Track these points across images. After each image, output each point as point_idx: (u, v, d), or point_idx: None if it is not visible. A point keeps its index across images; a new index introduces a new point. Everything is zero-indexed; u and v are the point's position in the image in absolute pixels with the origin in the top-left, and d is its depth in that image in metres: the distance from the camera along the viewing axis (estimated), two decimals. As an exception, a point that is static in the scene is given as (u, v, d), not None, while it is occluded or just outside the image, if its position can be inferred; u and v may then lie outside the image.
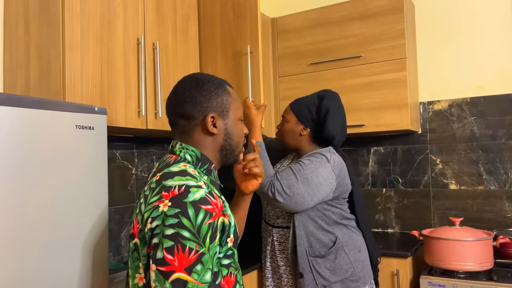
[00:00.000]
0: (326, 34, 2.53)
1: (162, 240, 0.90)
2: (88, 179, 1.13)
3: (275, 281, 1.82)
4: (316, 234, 1.68)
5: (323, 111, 1.73)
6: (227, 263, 1.02)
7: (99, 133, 1.13)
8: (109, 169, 1.97)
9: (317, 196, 1.63)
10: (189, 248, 0.89)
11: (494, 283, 1.85)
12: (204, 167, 1.09)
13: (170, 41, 1.87)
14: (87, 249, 1.15)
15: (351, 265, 1.68)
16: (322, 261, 1.66)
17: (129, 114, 1.65)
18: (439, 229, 2.06)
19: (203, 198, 0.94)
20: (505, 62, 2.37)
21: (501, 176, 2.36)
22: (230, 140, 1.13)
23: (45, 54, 1.46)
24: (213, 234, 0.94)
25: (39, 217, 1.02)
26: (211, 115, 1.08)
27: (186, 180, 0.97)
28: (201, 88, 1.10)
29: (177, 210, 0.91)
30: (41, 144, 1.01)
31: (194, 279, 0.89)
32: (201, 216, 0.92)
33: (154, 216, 0.94)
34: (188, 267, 0.89)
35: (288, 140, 1.80)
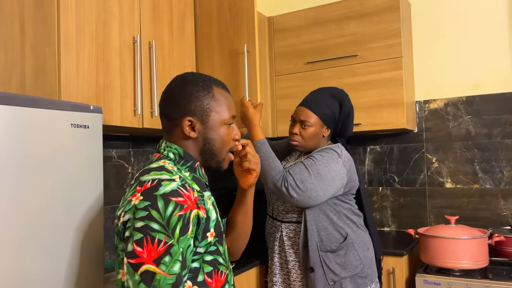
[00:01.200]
0: (323, 33, 2.53)
1: (132, 233, 0.92)
2: (84, 178, 1.13)
3: (282, 277, 1.82)
4: (328, 229, 1.69)
5: (346, 112, 1.78)
6: (210, 260, 1.03)
7: (95, 132, 1.13)
8: (105, 168, 1.96)
9: (330, 190, 1.66)
10: (158, 240, 0.90)
11: (489, 281, 1.86)
12: (187, 165, 1.09)
13: (166, 39, 1.87)
14: (82, 247, 1.15)
15: (360, 262, 1.69)
16: (332, 256, 1.67)
17: (125, 113, 1.65)
18: (434, 228, 2.07)
19: (174, 191, 0.95)
20: (501, 61, 2.38)
21: (497, 175, 2.37)
22: (210, 145, 1.11)
23: (40, 52, 1.45)
24: (184, 226, 0.94)
25: (34, 216, 1.02)
26: (188, 119, 1.08)
27: (160, 174, 0.99)
28: (183, 90, 1.10)
29: (147, 203, 0.93)
30: (36, 143, 1.01)
31: (162, 271, 0.89)
32: (171, 208, 0.92)
33: (126, 210, 0.96)
34: (156, 258, 0.89)
35: (309, 144, 1.78)
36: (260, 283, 2.02)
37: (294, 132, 1.79)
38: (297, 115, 1.80)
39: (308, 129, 1.75)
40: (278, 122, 2.68)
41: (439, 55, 2.54)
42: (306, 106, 1.78)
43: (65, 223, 1.09)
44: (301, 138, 1.77)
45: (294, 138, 1.79)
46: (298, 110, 1.81)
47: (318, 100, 1.78)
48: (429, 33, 2.56)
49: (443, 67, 2.53)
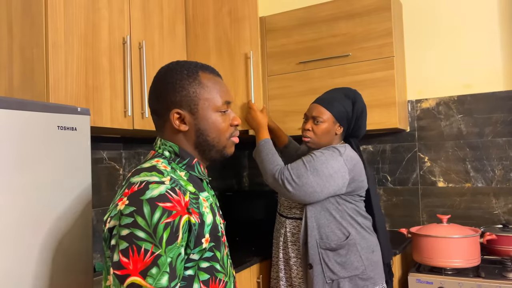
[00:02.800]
0: (314, 33, 2.53)
1: (118, 241, 0.86)
2: (71, 181, 1.12)
3: (287, 273, 1.82)
4: (329, 226, 1.69)
5: (359, 111, 1.79)
6: (206, 267, 0.96)
7: (82, 134, 1.12)
8: (96, 170, 1.95)
9: (328, 187, 1.65)
10: (145, 250, 0.83)
11: (481, 280, 1.87)
12: (183, 163, 1.02)
13: (156, 40, 1.86)
14: (71, 251, 1.13)
15: (362, 263, 1.68)
16: (332, 254, 1.67)
17: (115, 114, 1.64)
18: (427, 227, 2.07)
19: (162, 195, 0.88)
20: (492, 61, 2.39)
21: (488, 174, 2.38)
22: (204, 136, 1.02)
23: (28, 54, 1.44)
24: (172, 235, 0.87)
25: (21, 219, 1.01)
26: (175, 111, 1.00)
27: (150, 176, 0.91)
28: (167, 81, 1.01)
29: (132, 209, 0.86)
30: (22, 146, 1.00)
31: (149, 284, 0.82)
32: (158, 215, 0.85)
33: (112, 215, 0.90)
34: (143, 270, 0.83)
35: (322, 140, 1.78)
36: (264, 279, 2.02)
37: (306, 128, 1.79)
38: (309, 111, 1.81)
39: (321, 125, 1.76)
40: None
41: (431, 54, 2.54)
42: (319, 103, 1.79)
43: (53, 225, 1.08)
44: (313, 134, 1.77)
45: (306, 134, 1.79)
46: (311, 107, 1.82)
47: (332, 98, 1.79)
48: (421, 32, 2.57)
49: (435, 66, 2.53)
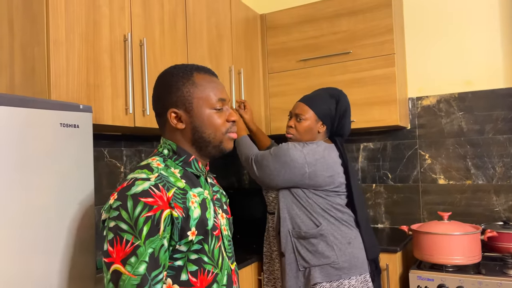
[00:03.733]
0: (315, 30, 2.53)
1: (107, 232, 0.95)
2: (74, 178, 1.12)
3: (270, 266, 1.93)
4: (300, 217, 1.76)
5: (342, 110, 1.83)
6: (195, 258, 1.02)
7: (85, 131, 1.12)
8: (98, 167, 1.95)
9: (283, 174, 1.74)
10: (126, 240, 0.92)
11: (482, 277, 1.87)
12: (180, 159, 1.09)
13: (157, 37, 1.85)
14: (73, 247, 1.14)
15: (334, 253, 1.71)
16: (305, 242, 1.73)
17: (116, 112, 1.63)
18: (427, 224, 2.08)
19: (144, 191, 0.95)
20: (492, 58, 2.39)
21: (489, 171, 2.38)
22: (199, 133, 1.08)
23: (29, 52, 1.43)
24: (153, 227, 0.94)
25: (24, 216, 1.01)
26: (172, 111, 1.08)
27: (141, 173, 1.01)
28: (163, 83, 1.11)
29: (119, 203, 0.95)
30: (25, 143, 1.00)
31: (127, 271, 0.91)
32: (139, 209, 0.93)
33: (105, 209, 0.99)
34: (123, 259, 0.91)
35: (304, 138, 1.84)
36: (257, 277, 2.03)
37: (289, 125, 1.86)
38: (294, 109, 1.87)
39: (303, 123, 1.81)
40: (271, 120, 2.67)
41: (432, 51, 2.54)
42: (303, 102, 1.85)
43: (55, 222, 1.08)
44: (296, 131, 1.83)
45: (289, 131, 1.86)
46: (295, 105, 1.88)
47: (316, 97, 1.85)
48: (422, 29, 2.57)
49: (436, 63, 2.53)
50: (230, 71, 2.32)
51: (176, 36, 1.97)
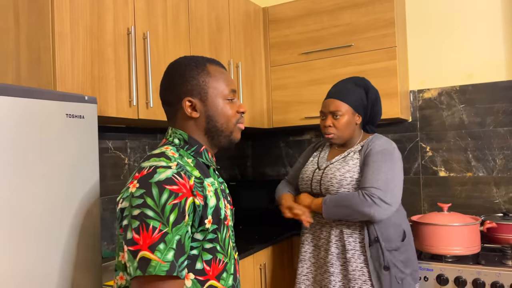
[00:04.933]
0: (317, 23, 2.54)
1: (130, 221, 0.94)
2: (80, 167, 1.15)
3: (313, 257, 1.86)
4: (389, 226, 1.73)
5: (373, 97, 1.82)
6: (210, 247, 1.04)
7: (90, 122, 1.15)
8: (102, 159, 1.99)
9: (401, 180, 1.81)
10: (153, 227, 0.92)
11: (481, 267, 1.90)
12: (191, 149, 1.10)
13: (160, 30, 1.88)
14: (79, 236, 1.17)
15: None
16: (397, 253, 1.71)
17: (120, 104, 1.66)
18: (427, 215, 2.10)
19: (168, 179, 0.96)
20: (494, 51, 2.40)
21: (489, 163, 2.40)
22: (213, 122, 1.11)
23: (35, 45, 1.46)
24: (180, 214, 0.95)
25: (29, 205, 1.04)
26: (187, 99, 1.09)
27: (159, 161, 1.00)
28: (177, 73, 1.11)
29: (142, 191, 0.94)
30: (32, 133, 1.03)
31: (157, 257, 0.90)
32: (165, 196, 0.94)
33: (124, 197, 0.98)
34: (151, 245, 0.91)
35: (345, 134, 1.79)
36: (268, 265, 2.06)
37: (327, 125, 1.78)
38: (326, 108, 1.79)
39: (341, 119, 1.76)
40: (273, 113, 2.70)
41: (433, 44, 2.55)
42: (334, 97, 1.78)
43: (61, 212, 1.11)
44: (335, 129, 1.77)
45: (329, 131, 1.78)
46: (326, 103, 1.80)
47: (344, 90, 1.79)
48: (424, 22, 2.57)
49: (438, 56, 2.54)
50: (229, 65, 2.34)
51: (178, 29, 1.99)
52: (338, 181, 1.74)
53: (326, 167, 1.82)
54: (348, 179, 1.74)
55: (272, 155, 3.05)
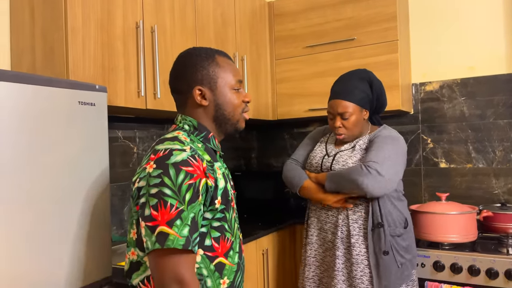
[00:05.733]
0: (321, 17, 2.60)
1: (148, 199, 1.01)
2: (91, 151, 1.24)
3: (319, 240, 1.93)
4: (393, 212, 1.79)
5: (378, 89, 1.85)
6: (217, 226, 1.11)
7: (100, 109, 1.24)
8: (112, 147, 2.08)
9: (403, 166, 1.86)
10: (170, 205, 0.99)
11: (476, 254, 1.95)
12: (201, 135, 1.17)
13: (168, 24, 1.96)
14: (90, 220, 1.25)
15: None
16: (399, 239, 1.77)
17: (129, 94, 1.75)
18: (426, 204, 2.16)
19: (184, 161, 1.03)
20: (495, 44, 2.43)
21: (489, 155, 2.44)
22: (221, 110, 1.18)
23: (49, 38, 1.55)
24: (194, 194, 1.02)
25: (45, 188, 1.13)
26: (197, 88, 1.16)
27: (173, 144, 1.06)
28: (188, 63, 1.17)
29: (160, 171, 1.01)
30: (48, 118, 1.12)
31: (175, 232, 0.98)
32: (182, 177, 1.01)
33: (141, 177, 1.05)
34: (169, 221, 0.98)
35: (355, 132, 1.84)
36: (270, 251, 2.14)
37: (336, 126, 1.82)
38: (334, 109, 1.82)
39: (350, 119, 1.80)
40: (278, 106, 2.77)
41: (436, 38, 2.59)
42: (340, 98, 1.80)
43: (73, 193, 1.20)
44: (345, 129, 1.82)
45: (339, 132, 1.83)
46: (333, 104, 1.82)
47: (349, 88, 1.81)
48: (426, 16, 2.62)
49: (440, 50, 2.58)
50: (235, 58, 2.41)
51: (185, 24, 2.07)
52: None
53: (336, 154, 1.87)
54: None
55: (277, 147, 3.13)
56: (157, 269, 1.00)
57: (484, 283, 1.90)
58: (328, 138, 2.00)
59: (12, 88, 1.03)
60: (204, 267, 1.08)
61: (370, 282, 1.74)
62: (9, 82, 1.01)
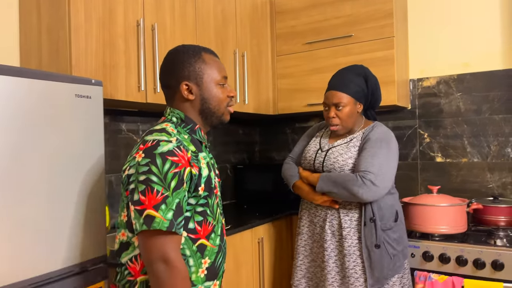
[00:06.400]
0: (321, 14, 2.67)
1: (137, 185, 1.11)
2: (87, 141, 1.35)
3: (310, 231, 2.00)
4: (384, 207, 1.84)
5: (373, 84, 1.92)
6: (200, 211, 1.21)
7: (96, 101, 1.34)
8: (116, 139, 2.19)
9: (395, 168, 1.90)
10: (157, 191, 1.09)
11: (464, 245, 2.00)
12: (187, 127, 1.27)
13: (168, 22, 2.05)
14: (87, 200, 1.36)
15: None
16: (390, 232, 1.84)
17: (129, 89, 1.85)
18: (418, 197, 2.22)
19: (170, 151, 1.12)
20: (491, 40, 2.47)
21: (484, 149, 2.48)
22: (207, 104, 1.27)
23: (54, 36, 1.67)
24: (179, 181, 1.12)
25: (43, 174, 1.24)
26: (184, 83, 1.25)
27: (160, 135, 1.16)
28: (176, 59, 1.27)
29: (148, 160, 1.11)
30: (46, 109, 1.23)
31: (160, 215, 1.08)
32: (167, 166, 1.11)
33: (131, 165, 1.15)
34: (155, 205, 1.08)
35: (348, 123, 1.89)
36: (266, 240, 2.23)
37: (330, 116, 1.87)
38: (329, 100, 1.88)
39: (344, 110, 1.85)
40: (279, 101, 2.85)
41: (433, 34, 2.64)
42: (335, 89, 1.87)
43: (70, 179, 1.31)
44: (339, 120, 1.87)
45: (333, 122, 1.88)
46: (328, 95, 1.89)
47: (345, 81, 1.87)
48: (424, 13, 2.66)
49: (437, 46, 2.63)
50: (235, 54, 2.50)
51: (186, 21, 2.16)
52: (341, 166, 1.87)
53: (329, 150, 1.94)
54: (350, 165, 1.86)
55: (279, 141, 3.21)
56: (145, 249, 1.10)
57: (471, 273, 1.96)
58: (323, 133, 2.07)
59: (10, 81, 1.13)
60: (187, 247, 1.18)
61: (363, 273, 1.81)
62: (8, 76, 1.12)
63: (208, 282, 1.23)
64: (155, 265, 1.08)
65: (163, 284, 1.07)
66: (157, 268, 1.08)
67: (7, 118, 1.13)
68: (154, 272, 1.08)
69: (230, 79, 2.47)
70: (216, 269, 1.26)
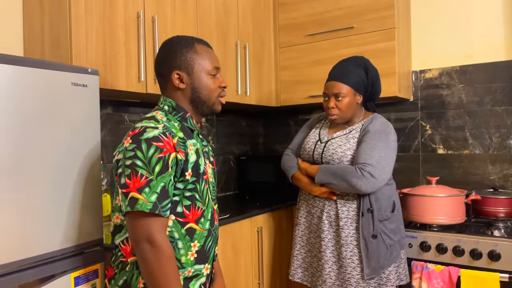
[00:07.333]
0: (322, 6, 2.68)
1: (124, 169, 1.16)
2: (84, 126, 1.39)
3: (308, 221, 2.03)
4: (381, 198, 1.87)
5: (373, 75, 1.94)
6: (189, 195, 1.25)
7: (92, 90, 1.39)
8: (118, 129, 2.24)
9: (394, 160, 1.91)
10: (141, 174, 1.14)
11: (461, 235, 2.01)
12: (178, 115, 1.31)
13: (169, 14, 2.09)
14: (84, 184, 1.41)
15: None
16: (387, 222, 1.87)
17: (130, 80, 1.90)
18: (416, 188, 2.23)
19: (155, 137, 1.18)
20: (493, 31, 2.45)
21: (486, 141, 2.47)
22: (197, 93, 1.31)
23: (55, 28, 1.71)
24: (164, 166, 1.17)
25: (41, 160, 1.28)
26: (176, 72, 1.29)
27: (148, 122, 1.21)
28: (169, 49, 1.31)
29: (134, 145, 1.17)
30: (44, 97, 1.27)
31: (143, 197, 1.13)
32: (152, 151, 1.16)
33: (120, 150, 1.21)
34: (139, 188, 1.14)
35: (347, 114, 1.91)
36: (265, 229, 2.27)
37: (330, 106, 1.89)
38: (329, 90, 1.91)
39: (343, 100, 1.87)
40: (281, 92, 2.87)
41: (436, 25, 2.62)
42: (335, 80, 1.89)
43: (68, 164, 1.36)
44: (338, 110, 1.89)
45: (332, 112, 1.90)
46: (328, 85, 1.91)
47: (345, 71, 1.90)
48: (427, 4, 2.65)
49: (440, 37, 2.61)
50: (236, 46, 2.53)
51: (186, 13, 2.19)
52: (339, 157, 1.89)
53: (328, 141, 1.96)
54: (348, 156, 1.88)
55: (282, 133, 3.24)
56: (131, 230, 1.15)
57: (468, 263, 1.97)
58: (323, 124, 2.09)
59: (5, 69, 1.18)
60: (175, 230, 1.22)
61: (360, 262, 1.84)
62: (3, 64, 1.16)
63: (198, 265, 1.27)
64: (140, 245, 1.13)
65: (148, 263, 1.12)
66: (143, 248, 1.13)
67: (3, 106, 1.17)
68: (140, 252, 1.13)
69: (231, 71, 2.50)
70: (206, 252, 1.30)
